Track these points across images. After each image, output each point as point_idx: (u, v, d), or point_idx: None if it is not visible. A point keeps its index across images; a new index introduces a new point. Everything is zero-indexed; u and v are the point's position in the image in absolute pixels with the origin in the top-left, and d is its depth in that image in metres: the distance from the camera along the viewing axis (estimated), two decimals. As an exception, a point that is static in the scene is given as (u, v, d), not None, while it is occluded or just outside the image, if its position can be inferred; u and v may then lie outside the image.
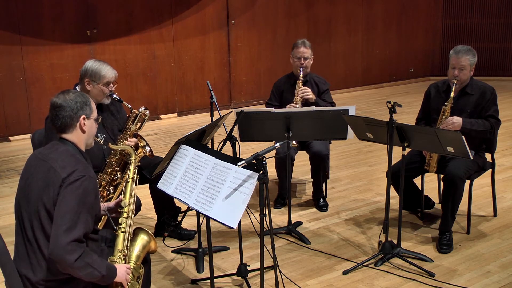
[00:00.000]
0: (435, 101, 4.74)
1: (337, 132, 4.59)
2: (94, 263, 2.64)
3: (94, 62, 4.14)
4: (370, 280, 3.99)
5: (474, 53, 4.56)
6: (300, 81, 5.18)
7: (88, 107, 2.92)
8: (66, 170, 2.70)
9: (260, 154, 3.06)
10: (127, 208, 3.01)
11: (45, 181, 2.71)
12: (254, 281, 3.95)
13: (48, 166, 2.74)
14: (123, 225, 2.97)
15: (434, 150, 4.24)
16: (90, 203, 2.72)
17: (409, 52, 12.43)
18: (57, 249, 2.56)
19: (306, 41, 5.28)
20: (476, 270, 4.10)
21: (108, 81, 4.13)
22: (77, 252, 2.57)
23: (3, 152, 7.76)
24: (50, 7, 8.38)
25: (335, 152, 7.00)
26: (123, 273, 2.80)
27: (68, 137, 2.88)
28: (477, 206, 5.19)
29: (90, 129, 2.95)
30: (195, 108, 9.95)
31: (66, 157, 2.78)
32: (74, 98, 2.88)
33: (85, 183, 2.69)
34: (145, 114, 4.18)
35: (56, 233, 2.59)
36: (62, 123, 2.86)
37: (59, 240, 2.57)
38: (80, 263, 2.58)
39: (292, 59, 5.30)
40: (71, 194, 2.65)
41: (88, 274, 2.62)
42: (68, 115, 2.85)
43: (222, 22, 9.97)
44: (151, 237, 3.10)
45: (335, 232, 4.79)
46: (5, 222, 5.16)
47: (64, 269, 2.61)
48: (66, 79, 8.50)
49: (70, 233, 2.58)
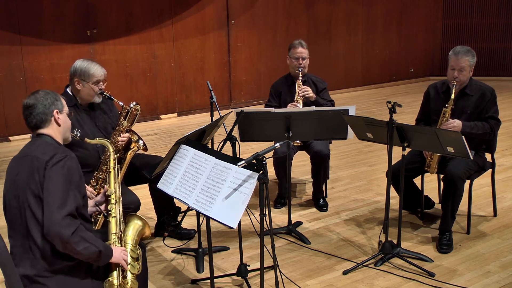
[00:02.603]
0: (435, 102, 4.73)
1: (337, 132, 4.58)
2: (90, 239, 2.72)
3: (82, 62, 4.16)
4: (370, 280, 3.99)
5: (473, 54, 4.55)
6: (299, 81, 5.19)
7: (58, 102, 3.00)
8: (48, 154, 2.79)
9: (260, 154, 3.06)
10: (113, 195, 3.12)
11: (29, 170, 2.78)
12: (254, 281, 3.95)
13: (29, 158, 2.82)
14: (112, 210, 3.07)
15: (434, 150, 4.24)
16: (76, 181, 2.82)
17: (409, 52, 12.43)
18: (52, 225, 2.64)
19: (302, 41, 5.31)
20: (476, 270, 4.09)
21: (97, 80, 4.15)
22: (72, 226, 2.66)
23: (3, 152, 7.76)
24: (50, 7, 8.38)
25: (335, 152, 7.00)
26: (120, 253, 2.88)
27: (44, 131, 2.96)
28: (477, 206, 5.19)
29: (65, 122, 3.03)
30: (195, 108, 9.95)
31: (46, 146, 2.87)
32: (44, 95, 2.96)
33: (68, 163, 2.79)
34: (137, 110, 4.20)
35: (49, 211, 2.66)
36: (37, 120, 2.93)
37: (53, 217, 2.65)
38: (76, 238, 2.66)
39: (290, 59, 5.31)
40: (56, 173, 2.74)
41: (85, 250, 2.70)
42: (42, 111, 2.93)
43: (222, 22, 9.97)
44: (144, 222, 3.19)
45: (335, 232, 4.79)
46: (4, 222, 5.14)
47: (62, 246, 2.68)
48: (66, 79, 8.38)
49: (63, 209, 2.67)
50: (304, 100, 5.12)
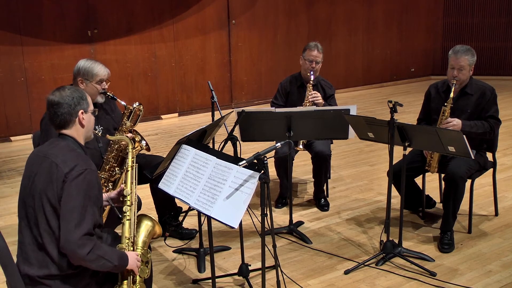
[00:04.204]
0: (435, 101, 4.73)
1: (338, 131, 4.58)
2: (106, 255, 2.69)
3: (86, 61, 4.15)
4: (371, 279, 3.99)
5: (473, 53, 4.55)
6: (310, 85, 5.16)
7: (84, 102, 2.94)
8: (68, 164, 2.72)
9: (261, 154, 3.06)
10: (129, 196, 3.05)
11: (48, 177, 2.73)
12: (255, 281, 3.95)
13: (49, 161, 2.76)
14: (127, 213, 3.01)
15: (435, 149, 4.23)
16: (95, 195, 2.77)
17: (410, 52, 12.42)
18: (68, 244, 2.62)
19: (319, 44, 5.24)
20: (477, 269, 4.09)
21: (101, 79, 4.15)
22: (88, 246, 2.63)
23: (4, 152, 7.76)
24: (51, 8, 8.38)
25: (336, 152, 6.99)
26: (134, 260, 2.86)
27: (67, 133, 2.91)
28: (479, 206, 5.19)
29: (89, 123, 2.98)
30: (196, 108, 9.95)
31: (67, 152, 2.81)
32: (71, 94, 2.89)
33: (88, 177, 2.73)
34: (139, 110, 4.20)
35: (66, 229, 2.63)
36: (61, 120, 2.88)
37: (70, 236, 2.62)
38: (92, 256, 2.64)
39: (303, 60, 5.25)
40: (75, 189, 2.68)
41: (101, 266, 2.69)
42: (67, 112, 2.87)
43: (223, 22, 9.96)
44: (155, 222, 3.15)
45: (336, 232, 4.79)
46: (6, 223, 5.16)
47: (76, 262, 2.67)
48: (67, 79, 8.46)
49: (80, 228, 2.63)
50: (312, 105, 5.09)
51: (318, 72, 5.28)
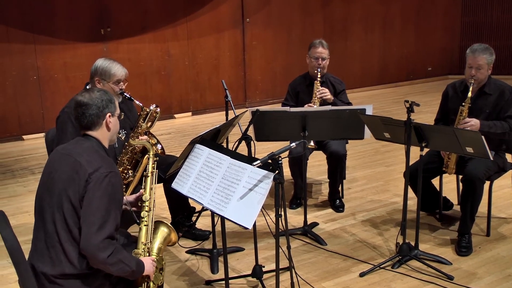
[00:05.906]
0: (453, 101, 4.67)
1: (353, 131, 4.54)
2: (125, 259, 2.71)
3: (104, 61, 4.12)
4: (387, 282, 3.93)
5: (491, 51, 4.47)
6: (318, 82, 5.13)
7: (112, 105, 2.97)
8: (92, 165, 2.74)
9: (276, 154, 3.03)
10: (148, 202, 3.07)
11: (71, 174, 2.74)
12: (269, 283, 3.92)
13: (73, 160, 2.78)
14: (145, 218, 3.02)
15: (453, 150, 4.17)
16: (119, 199, 2.80)
17: (427, 50, 12.30)
18: (89, 246, 2.63)
19: (323, 41, 5.25)
20: (496, 273, 4.02)
21: (118, 79, 4.11)
22: (109, 249, 2.64)
23: (16, 151, 7.79)
24: (63, 6, 8.41)
25: (351, 152, 6.93)
26: (150, 266, 2.88)
27: (93, 134, 2.93)
28: (497, 208, 5.10)
29: (115, 126, 3.01)
30: (210, 107, 9.93)
31: (91, 153, 2.82)
32: (100, 96, 2.92)
33: (113, 180, 2.75)
34: (156, 112, 4.16)
35: (88, 231, 2.64)
36: (88, 121, 2.90)
37: (92, 239, 2.63)
38: (113, 259, 2.65)
39: (309, 59, 5.25)
40: (100, 191, 2.69)
41: (119, 270, 2.70)
42: (95, 113, 2.89)
43: (237, 20, 9.93)
44: (171, 229, 3.17)
45: (352, 233, 4.73)
46: (19, 222, 5.16)
47: (95, 265, 2.69)
48: (79, 78, 8.51)
49: (102, 231, 2.65)
50: (321, 101, 5.07)
51: (326, 68, 5.27)
